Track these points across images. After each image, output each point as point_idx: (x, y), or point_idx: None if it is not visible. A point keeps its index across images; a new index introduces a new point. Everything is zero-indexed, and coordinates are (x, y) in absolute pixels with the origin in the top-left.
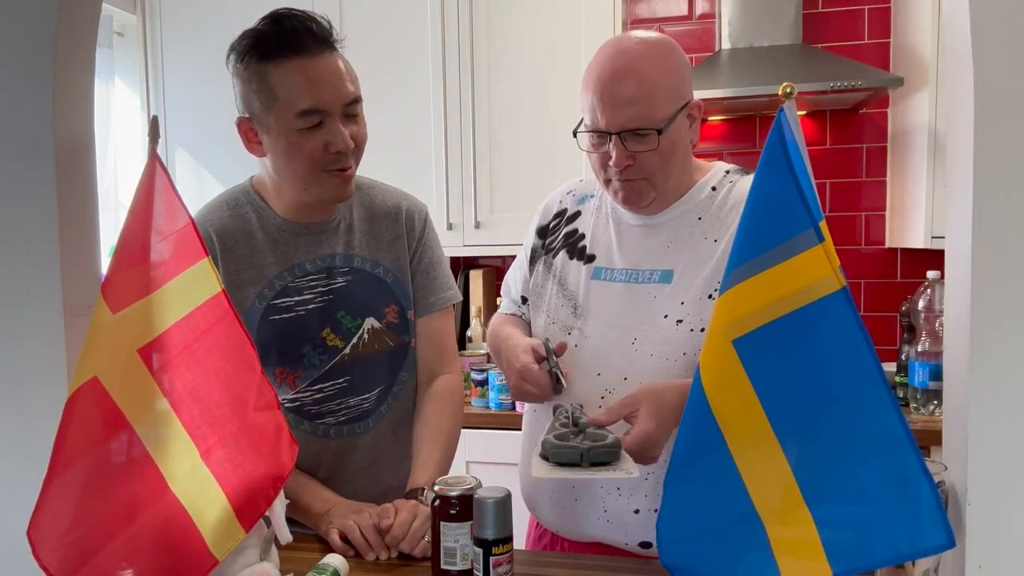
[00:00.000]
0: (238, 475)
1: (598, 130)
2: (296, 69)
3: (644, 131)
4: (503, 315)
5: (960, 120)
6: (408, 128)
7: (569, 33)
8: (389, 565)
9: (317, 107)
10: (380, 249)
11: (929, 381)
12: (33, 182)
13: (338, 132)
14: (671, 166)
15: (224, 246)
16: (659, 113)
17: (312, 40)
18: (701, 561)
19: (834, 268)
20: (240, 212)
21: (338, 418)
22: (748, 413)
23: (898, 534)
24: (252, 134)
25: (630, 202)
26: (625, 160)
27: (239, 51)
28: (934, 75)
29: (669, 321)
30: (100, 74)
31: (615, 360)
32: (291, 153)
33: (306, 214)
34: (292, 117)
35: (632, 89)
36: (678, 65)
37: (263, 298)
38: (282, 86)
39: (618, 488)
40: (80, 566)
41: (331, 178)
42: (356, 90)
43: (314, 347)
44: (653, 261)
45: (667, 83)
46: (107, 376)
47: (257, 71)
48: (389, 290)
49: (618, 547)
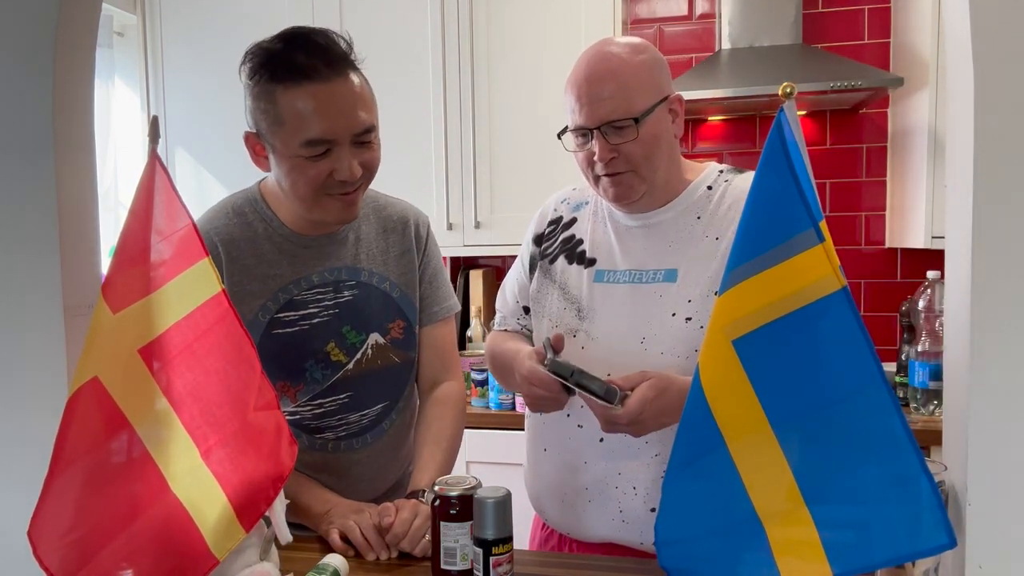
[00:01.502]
0: (238, 475)
1: (580, 127)
2: (305, 95)
3: (622, 122)
4: (499, 332)
5: (960, 120)
6: (408, 128)
7: (569, 33)
8: (389, 565)
9: (324, 137)
10: (388, 263)
11: (929, 381)
12: (33, 182)
13: (345, 161)
14: (656, 157)
15: (229, 256)
16: (636, 105)
17: (325, 63)
18: (701, 562)
19: (834, 268)
20: (246, 220)
21: (337, 433)
22: (748, 413)
23: (899, 534)
24: (259, 148)
25: (620, 197)
26: (608, 153)
27: (250, 67)
28: (934, 75)
29: (678, 319)
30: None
31: (625, 360)
32: (294, 176)
33: (312, 227)
34: (298, 145)
35: (609, 86)
36: (653, 61)
37: (267, 311)
38: (289, 112)
39: (634, 488)
40: (81, 566)
41: (334, 202)
42: (369, 118)
43: (317, 361)
44: (656, 261)
45: (642, 77)
46: (107, 376)
47: (266, 91)
48: (395, 305)
49: (632, 547)
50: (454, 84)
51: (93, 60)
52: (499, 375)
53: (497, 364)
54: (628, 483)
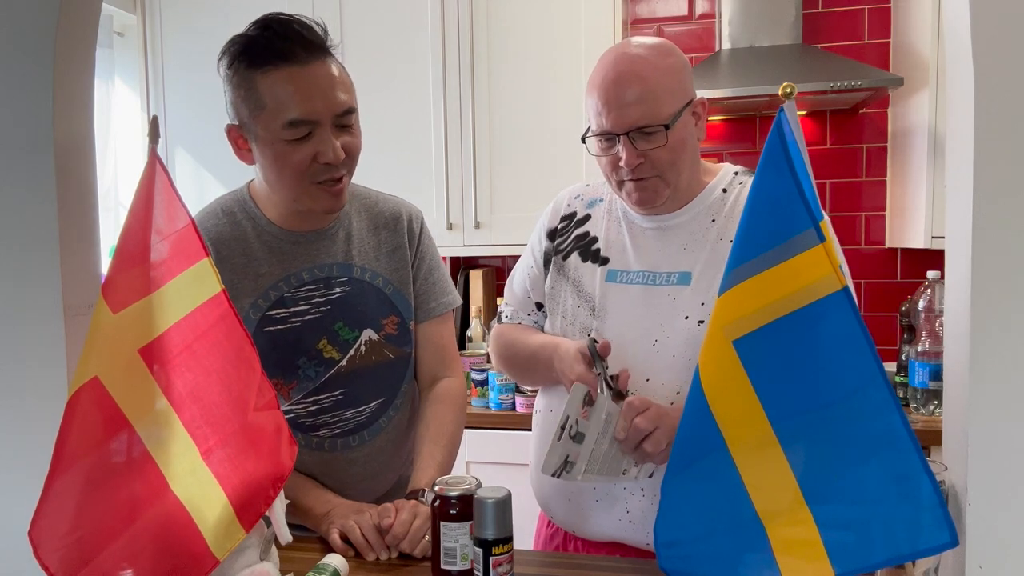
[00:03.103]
0: (238, 475)
1: (606, 133)
2: (285, 78)
3: (652, 128)
4: (512, 325)
5: (960, 120)
6: (408, 128)
7: (569, 33)
8: (389, 565)
9: (306, 118)
10: (380, 259)
11: (929, 381)
12: (33, 182)
13: (328, 143)
14: (681, 162)
15: (219, 255)
16: (665, 110)
17: (303, 47)
18: (701, 562)
19: (835, 268)
20: (235, 220)
21: (333, 431)
22: (748, 414)
23: (900, 534)
24: (242, 141)
25: (645, 202)
26: (636, 159)
27: (228, 57)
28: (934, 75)
29: (690, 322)
30: (100, 74)
31: (637, 361)
32: (279, 164)
33: (301, 223)
34: (280, 128)
35: (636, 90)
36: (679, 64)
37: (258, 309)
38: (270, 95)
39: (642, 489)
40: (81, 566)
41: (320, 191)
42: (349, 99)
43: (309, 359)
44: (670, 263)
45: (670, 81)
46: (108, 376)
47: (245, 78)
48: (389, 301)
49: (638, 547)
50: (454, 84)
51: (93, 60)
52: (514, 366)
53: (513, 355)
54: (636, 484)
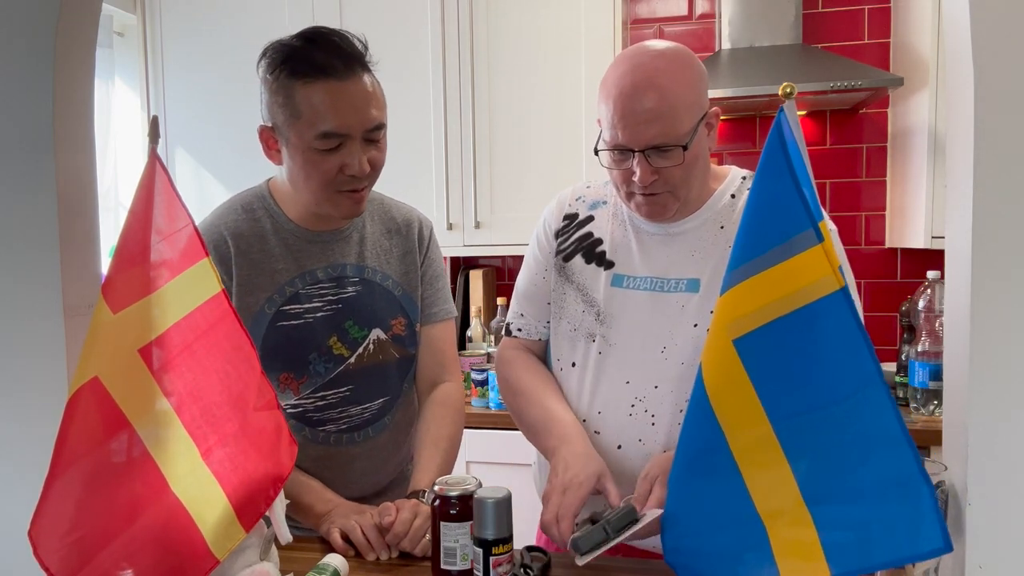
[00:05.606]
0: (238, 475)
1: (620, 147)
2: (323, 91)
3: (669, 147)
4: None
5: (960, 120)
6: (408, 128)
7: (569, 33)
8: (390, 565)
9: (338, 131)
10: (391, 262)
11: (929, 381)
12: (33, 182)
13: (356, 156)
14: (693, 177)
15: (238, 249)
16: (682, 127)
17: (343, 61)
18: (703, 560)
19: (834, 268)
20: (254, 216)
21: (339, 426)
22: (749, 413)
23: (897, 537)
24: (272, 142)
25: (654, 216)
26: (650, 176)
27: (269, 62)
28: (934, 75)
29: (699, 330)
30: (100, 74)
31: (645, 369)
32: (307, 170)
33: (318, 223)
34: (312, 137)
35: (653, 105)
36: (697, 76)
37: (273, 303)
38: (307, 105)
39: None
40: (81, 566)
41: (343, 198)
42: (380, 116)
43: (320, 355)
44: (679, 270)
45: (688, 96)
46: (108, 376)
47: (285, 86)
48: (398, 302)
49: (644, 548)
50: (454, 84)
51: (93, 60)
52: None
53: (517, 410)
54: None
